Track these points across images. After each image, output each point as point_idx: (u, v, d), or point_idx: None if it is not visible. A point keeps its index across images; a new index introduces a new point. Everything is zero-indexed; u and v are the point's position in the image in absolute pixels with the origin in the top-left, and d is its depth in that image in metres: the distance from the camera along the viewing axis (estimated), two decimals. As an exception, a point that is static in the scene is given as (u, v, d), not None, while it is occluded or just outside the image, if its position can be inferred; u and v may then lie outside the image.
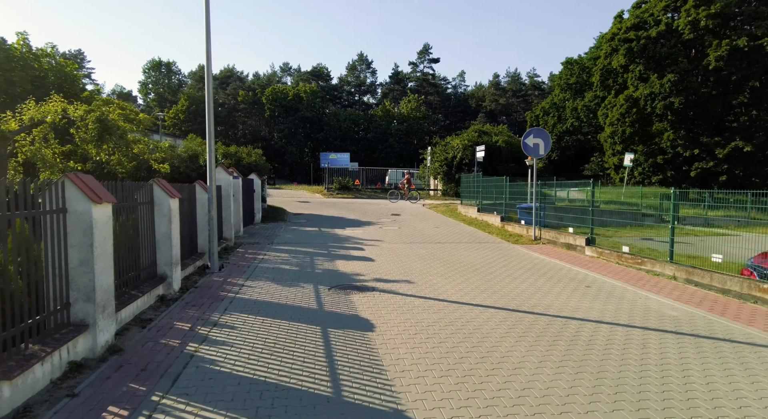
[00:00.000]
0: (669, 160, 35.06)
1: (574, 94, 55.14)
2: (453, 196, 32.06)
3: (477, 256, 10.99)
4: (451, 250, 11.79)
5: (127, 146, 10.94)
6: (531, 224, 14.98)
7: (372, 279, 8.22)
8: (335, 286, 7.64)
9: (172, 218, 6.94)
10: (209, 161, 8.71)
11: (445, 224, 17.31)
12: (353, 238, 13.58)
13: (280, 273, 8.64)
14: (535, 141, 13.36)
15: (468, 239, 13.87)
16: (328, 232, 14.82)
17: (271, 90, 62.48)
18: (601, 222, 13.75)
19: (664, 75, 32.46)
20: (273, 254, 10.77)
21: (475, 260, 10.38)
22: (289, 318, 5.93)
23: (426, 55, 76.37)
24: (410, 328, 5.62)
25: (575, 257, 11.03)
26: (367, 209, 21.97)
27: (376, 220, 18.40)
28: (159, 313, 6.07)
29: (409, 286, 7.78)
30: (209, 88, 8.62)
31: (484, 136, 33.56)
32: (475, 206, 19.41)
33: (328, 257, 10.35)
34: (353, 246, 12.04)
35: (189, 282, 7.79)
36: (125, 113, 11.00)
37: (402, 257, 10.65)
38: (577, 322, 6.02)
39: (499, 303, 6.82)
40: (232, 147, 19.74)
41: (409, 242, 12.96)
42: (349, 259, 10.22)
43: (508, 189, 16.68)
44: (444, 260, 10.29)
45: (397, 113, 64.40)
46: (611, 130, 37.11)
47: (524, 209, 16.18)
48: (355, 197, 29.67)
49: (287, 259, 10.14)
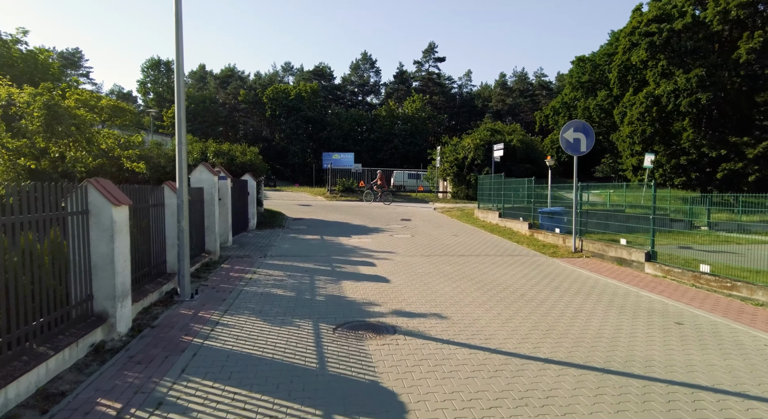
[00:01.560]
0: (693, 161, 32.99)
1: (586, 93, 53.11)
2: (464, 198, 30.06)
3: (515, 274, 8.97)
4: (481, 266, 9.77)
5: (88, 140, 8.97)
6: (554, 230, 13.07)
7: (391, 312, 6.22)
8: (343, 325, 5.63)
9: (116, 234, 4.97)
10: (179, 154, 6.74)
11: (463, 232, 15.30)
12: (361, 249, 11.59)
13: (270, 301, 6.65)
14: (575, 136, 11.35)
15: (496, 250, 11.85)
16: (332, 241, 12.84)
17: (272, 89, 60.58)
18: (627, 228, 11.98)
19: (689, 70, 30.42)
20: (265, 271, 8.78)
21: (515, 281, 8.37)
22: (274, 388, 3.93)
23: (431, 53, 74.38)
24: (464, 413, 3.61)
25: (635, 276, 8.99)
26: (373, 214, 19.98)
27: (385, 226, 16.42)
28: (81, 379, 4.08)
29: (443, 324, 5.77)
30: (180, 53, 6.65)
31: (496, 135, 31.55)
32: (495, 210, 17.39)
33: (332, 277, 8.36)
34: (362, 260, 10.04)
35: (146, 318, 5.80)
36: (83, 98, 9.04)
37: (423, 276, 8.64)
38: (708, 394, 4.00)
39: (578, 357, 4.80)
40: (225, 145, 17.81)
41: (428, 255, 10.96)
42: (358, 279, 8.22)
43: (532, 192, 14.66)
44: (476, 281, 8.27)
45: (402, 113, 62.42)
46: (630, 129, 35.01)
47: (547, 214, 14.28)
48: (359, 199, 27.70)
49: (281, 279, 8.15)
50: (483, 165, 29.60)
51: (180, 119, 6.71)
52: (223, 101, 67.74)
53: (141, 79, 70.92)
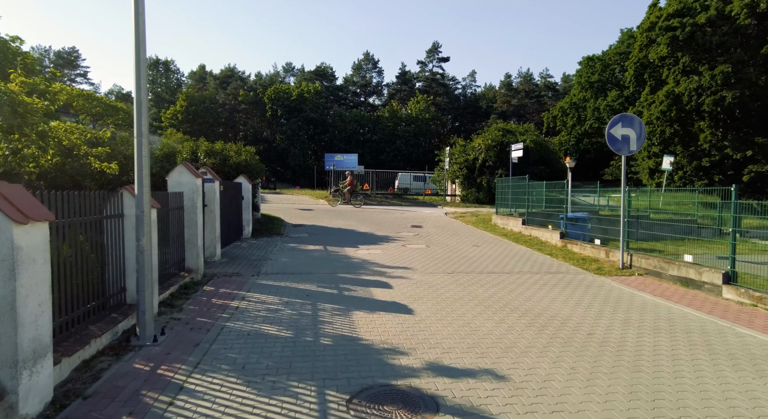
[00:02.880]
0: (716, 163, 31.24)
1: (596, 93, 51.43)
2: (474, 202, 28.35)
3: (565, 300, 7.26)
4: (519, 287, 8.06)
5: (40, 134, 7.29)
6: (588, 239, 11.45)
7: (424, 367, 4.51)
8: (360, 393, 3.92)
9: (19, 267, 3.28)
10: (138, 149, 5.02)
11: (484, 241, 13.59)
12: (371, 263, 9.89)
13: (258, 347, 4.95)
14: (624, 132, 9.64)
15: (530, 266, 10.13)
16: (337, 253, 11.15)
17: (273, 89, 58.95)
18: (651, 236, 10.51)
19: (713, 67, 28.71)
20: (256, 296, 7.08)
21: (571, 311, 6.65)
22: None
23: (435, 53, 72.79)
24: None
25: (714, 304, 7.27)
26: (380, 219, 18.29)
27: (395, 234, 14.73)
28: None
29: (503, 389, 4.06)
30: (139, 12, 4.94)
31: (508, 135, 29.85)
32: (517, 216, 15.67)
33: (340, 305, 6.65)
34: (374, 279, 8.34)
35: (81, 380, 4.10)
36: (31, 82, 7.38)
37: (452, 303, 6.94)
38: None
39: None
40: (218, 144, 16.14)
41: (451, 272, 9.25)
42: (372, 308, 6.51)
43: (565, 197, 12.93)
44: (523, 312, 6.56)
45: (405, 114, 60.76)
46: (648, 130, 33.25)
47: (572, 221, 12.67)
48: (364, 203, 26.00)
49: (276, 309, 6.44)
50: (495, 167, 27.90)
51: (140, 102, 4.99)
52: (223, 102, 66.18)
53: (139, 79, 69.38)
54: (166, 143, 16.54)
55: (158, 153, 14.72)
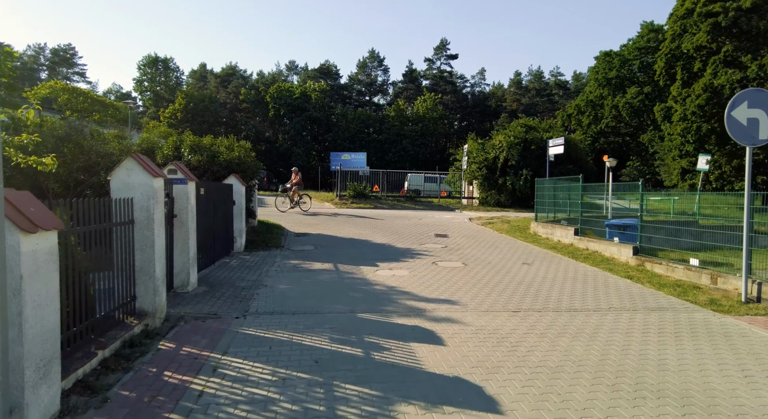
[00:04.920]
0: (759, 162, 28.53)
1: (614, 90, 48.75)
2: (495, 205, 25.72)
3: (722, 367, 4.62)
4: (632, 340, 5.39)
5: None
6: (654, 254, 8.89)
7: None
8: None
9: None
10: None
11: (534, 257, 10.95)
12: (400, 292, 7.27)
13: None
14: (751, 114, 7.00)
15: (617, 297, 7.46)
16: (352, 275, 8.54)
17: (275, 88, 56.49)
18: (703, 246, 8.23)
19: (757, 56, 26.03)
20: (236, 365, 4.46)
21: (750, 400, 4.02)
22: None
23: (443, 51, 70.12)
24: None
25: None
26: (398, 227, 15.67)
27: (419, 245, 12.13)
28: None
29: None
30: None
31: (531, 131, 27.23)
32: (566, 225, 13.01)
33: (371, 388, 4.02)
34: (412, 325, 5.73)
35: None
36: None
37: (551, 376, 4.30)
38: None
39: None
40: (207, 138, 13.57)
41: (516, 309, 6.62)
42: (427, 398, 3.89)
43: (643, 203, 10.23)
44: (680, 398, 3.91)
45: (411, 114, 58.14)
46: (683, 126, 30.53)
47: (618, 228, 10.34)
48: (375, 206, 23.43)
49: (264, 400, 3.82)
50: (519, 167, 25.25)
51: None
52: (224, 101, 63.80)
53: (137, 77, 67.18)
54: (146, 138, 13.98)
55: (135, 148, 12.18)
